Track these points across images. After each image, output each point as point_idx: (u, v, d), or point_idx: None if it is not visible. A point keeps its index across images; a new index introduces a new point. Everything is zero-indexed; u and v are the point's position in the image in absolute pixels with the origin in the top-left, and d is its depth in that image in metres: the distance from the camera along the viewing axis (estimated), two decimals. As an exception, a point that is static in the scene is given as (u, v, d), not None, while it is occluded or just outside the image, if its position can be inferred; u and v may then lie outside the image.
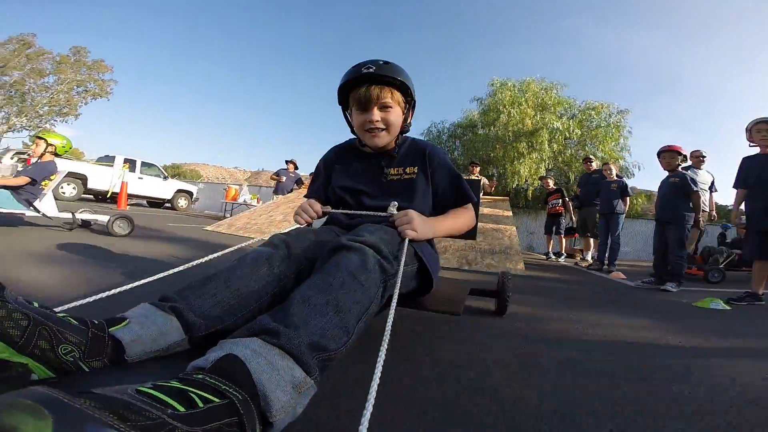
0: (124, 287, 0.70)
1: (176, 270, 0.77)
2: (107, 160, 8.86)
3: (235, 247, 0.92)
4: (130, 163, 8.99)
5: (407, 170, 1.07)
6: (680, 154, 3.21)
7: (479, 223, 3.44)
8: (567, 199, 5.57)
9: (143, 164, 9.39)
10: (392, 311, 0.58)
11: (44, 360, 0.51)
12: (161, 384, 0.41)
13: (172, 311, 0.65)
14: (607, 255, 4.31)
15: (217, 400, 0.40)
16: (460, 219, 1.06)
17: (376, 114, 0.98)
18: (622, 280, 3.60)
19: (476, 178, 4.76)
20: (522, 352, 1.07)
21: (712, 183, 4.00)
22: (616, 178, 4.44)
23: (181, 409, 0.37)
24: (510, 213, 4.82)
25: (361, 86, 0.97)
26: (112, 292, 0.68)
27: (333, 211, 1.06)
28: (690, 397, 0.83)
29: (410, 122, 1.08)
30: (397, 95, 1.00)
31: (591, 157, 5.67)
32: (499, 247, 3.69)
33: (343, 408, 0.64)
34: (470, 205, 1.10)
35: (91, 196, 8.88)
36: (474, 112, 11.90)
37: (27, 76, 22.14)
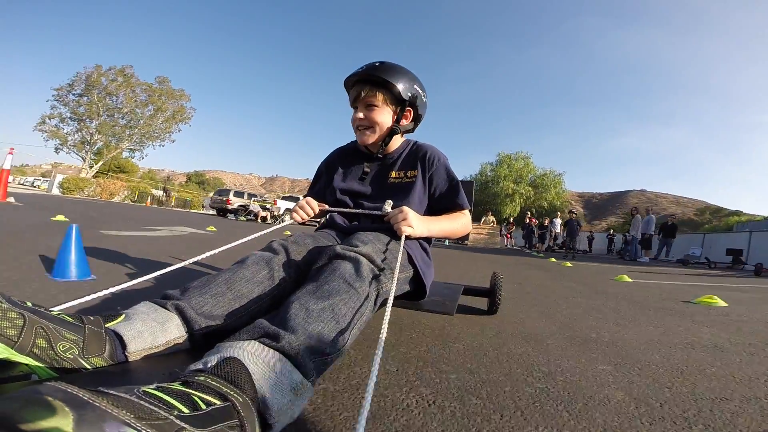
0: (121, 286, 0.69)
1: (171, 269, 0.77)
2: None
3: (230, 246, 0.93)
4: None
5: (408, 173, 1.08)
6: None
7: (477, 234, 15.91)
8: (513, 229, 16.66)
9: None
10: (387, 316, 0.57)
11: (44, 359, 0.49)
12: (165, 386, 0.41)
13: (174, 309, 0.65)
14: (525, 244, 14.85)
15: (218, 402, 0.41)
16: (455, 223, 1.06)
17: (360, 113, 1.03)
18: (522, 248, 14.10)
19: (490, 218, 15.63)
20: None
21: None
22: (531, 224, 14.91)
23: (186, 410, 0.38)
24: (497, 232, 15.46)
25: (354, 86, 1.04)
26: (110, 290, 0.68)
27: (330, 209, 1.06)
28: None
29: (407, 124, 1.08)
30: (386, 95, 1.01)
31: (528, 213, 16.32)
32: (491, 241, 14.45)
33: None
34: (466, 212, 1.09)
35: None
36: (487, 168, 27.14)
37: (136, 106, 26.39)
